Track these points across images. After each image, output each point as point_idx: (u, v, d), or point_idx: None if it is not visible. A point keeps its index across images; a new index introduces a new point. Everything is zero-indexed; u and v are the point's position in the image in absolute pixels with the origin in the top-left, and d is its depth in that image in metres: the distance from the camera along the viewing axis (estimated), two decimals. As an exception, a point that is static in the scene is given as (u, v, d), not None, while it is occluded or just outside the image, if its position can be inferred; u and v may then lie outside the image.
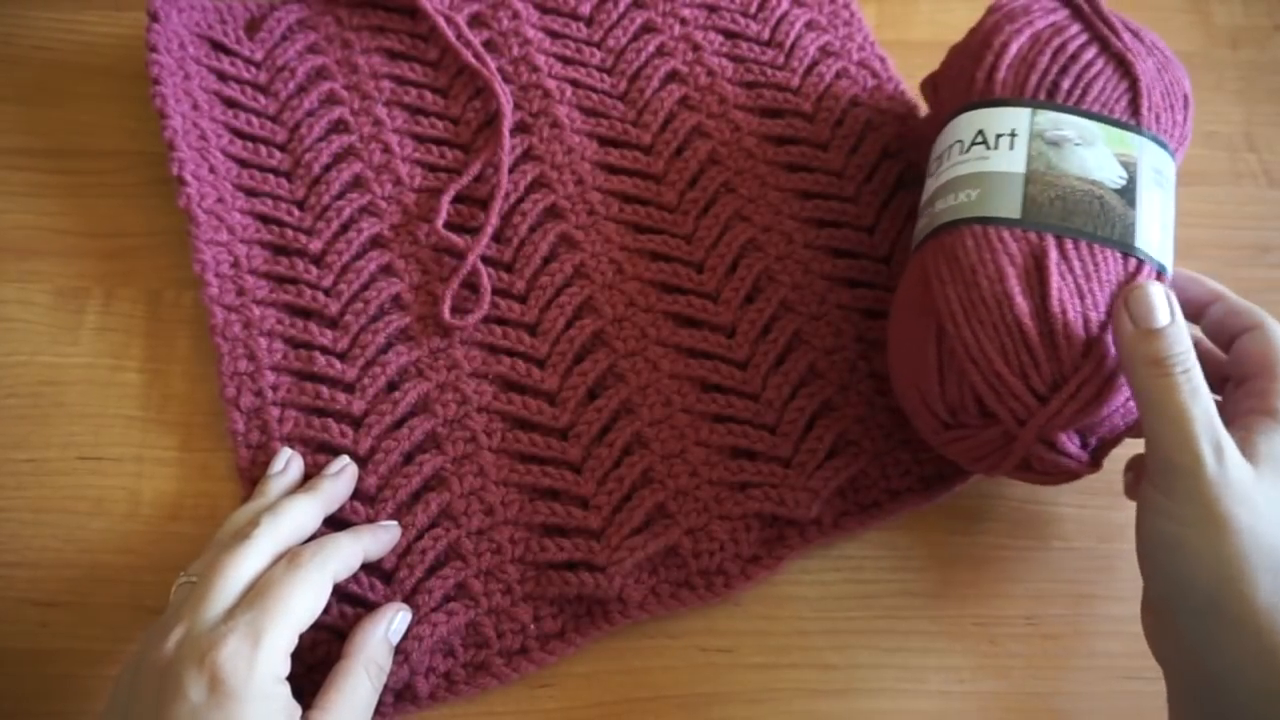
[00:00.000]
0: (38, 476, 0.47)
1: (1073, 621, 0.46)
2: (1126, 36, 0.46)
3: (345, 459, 0.45)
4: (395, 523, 0.44)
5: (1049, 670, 0.45)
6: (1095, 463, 0.42)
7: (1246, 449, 0.37)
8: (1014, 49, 0.46)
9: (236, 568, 0.38)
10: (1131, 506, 0.47)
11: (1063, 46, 0.46)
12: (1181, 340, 0.38)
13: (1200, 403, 0.36)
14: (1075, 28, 0.46)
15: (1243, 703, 0.35)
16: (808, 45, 0.56)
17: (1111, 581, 0.46)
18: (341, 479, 0.45)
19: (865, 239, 0.51)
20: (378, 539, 0.43)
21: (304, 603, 0.38)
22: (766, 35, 0.57)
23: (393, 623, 0.42)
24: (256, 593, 0.37)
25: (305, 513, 0.42)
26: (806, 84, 0.55)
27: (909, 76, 0.56)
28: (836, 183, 0.53)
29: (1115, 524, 0.48)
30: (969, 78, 0.47)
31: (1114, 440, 0.42)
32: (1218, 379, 0.41)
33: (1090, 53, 0.45)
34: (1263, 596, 0.34)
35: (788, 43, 0.56)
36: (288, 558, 0.39)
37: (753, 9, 0.57)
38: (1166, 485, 0.37)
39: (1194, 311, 0.44)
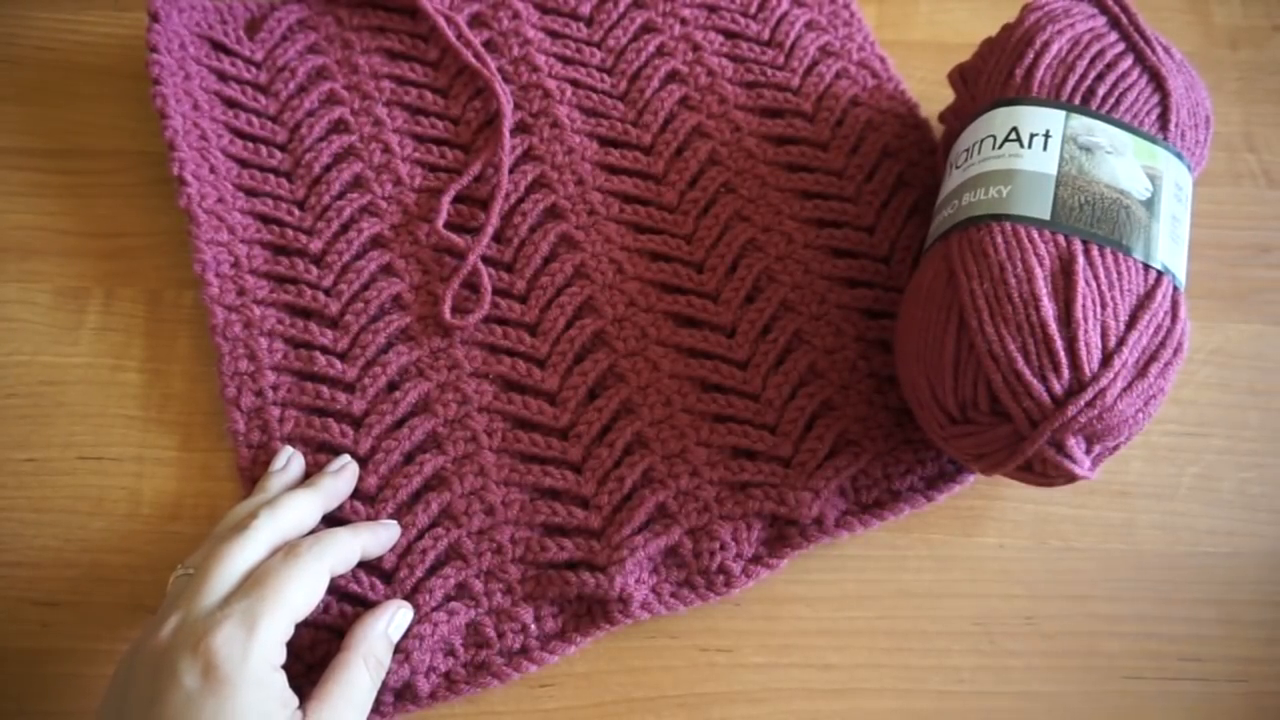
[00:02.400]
0: (38, 476, 0.47)
1: (1073, 621, 0.46)
2: (1160, 51, 0.46)
3: (346, 457, 0.46)
4: (394, 521, 0.45)
5: (1049, 670, 0.45)
6: (1093, 469, 0.42)
7: None
8: (1054, 49, 0.46)
9: (233, 558, 0.38)
10: (1131, 507, 0.48)
11: (1101, 53, 0.46)
12: None
13: None
14: (1113, 36, 0.47)
15: None
16: (808, 45, 0.56)
17: (1111, 581, 0.47)
18: (342, 476, 0.45)
19: (865, 239, 0.51)
20: (376, 536, 0.43)
21: (300, 592, 0.38)
22: (766, 35, 0.57)
23: (393, 619, 0.42)
24: (253, 582, 0.38)
25: (304, 507, 0.42)
26: (806, 84, 0.55)
27: (909, 76, 0.56)
28: (836, 183, 0.53)
29: (1115, 524, 0.48)
30: (1006, 73, 0.47)
31: (1115, 448, 0.43)
32: None
33: (1126, 63, 0.46)
34: None
35: (788, 43, 0.56)
36: (285, 549, 0.39)
37: (753, 9, 0.58)
38: None
39: None
